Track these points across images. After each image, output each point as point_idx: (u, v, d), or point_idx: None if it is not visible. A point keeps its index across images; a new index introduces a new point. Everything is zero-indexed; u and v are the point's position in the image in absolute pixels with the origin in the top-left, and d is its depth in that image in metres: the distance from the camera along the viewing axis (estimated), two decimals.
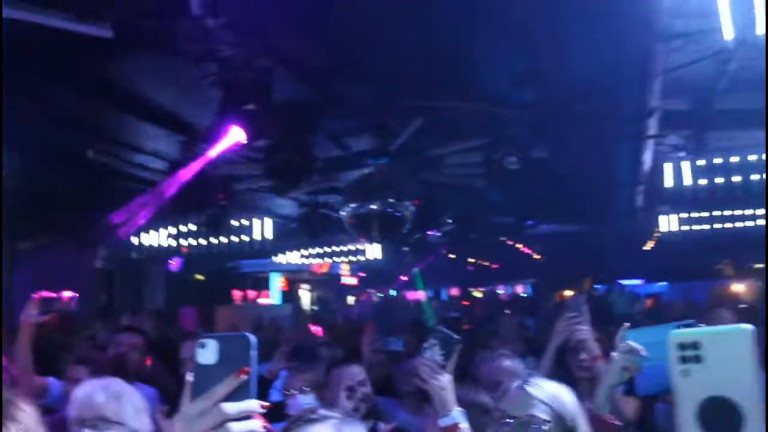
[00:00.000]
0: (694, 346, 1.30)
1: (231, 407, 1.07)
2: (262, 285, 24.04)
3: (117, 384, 2.68)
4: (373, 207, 10.35)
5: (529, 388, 2.47)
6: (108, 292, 16.47)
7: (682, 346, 1.31)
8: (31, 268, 14.48)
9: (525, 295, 28.50)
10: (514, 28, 6.99)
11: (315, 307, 24.68)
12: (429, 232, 15.13)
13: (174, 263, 16.74)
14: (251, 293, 23.65)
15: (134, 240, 15.35)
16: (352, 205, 10.67)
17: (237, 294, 22.74)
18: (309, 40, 7.29)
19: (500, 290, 30.30)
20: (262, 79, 7.05)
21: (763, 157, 9.89)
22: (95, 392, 2.58)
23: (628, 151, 10.69)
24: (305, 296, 25.90)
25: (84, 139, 10.41)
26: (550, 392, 2.46)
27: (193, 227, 15.09)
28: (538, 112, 8.92)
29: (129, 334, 4.54)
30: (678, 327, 2.16)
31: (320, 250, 20.44)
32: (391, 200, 10.30)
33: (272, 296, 24.13)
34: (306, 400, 3.83)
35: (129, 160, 11.07)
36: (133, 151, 10.84)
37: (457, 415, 2.76)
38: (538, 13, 6.52)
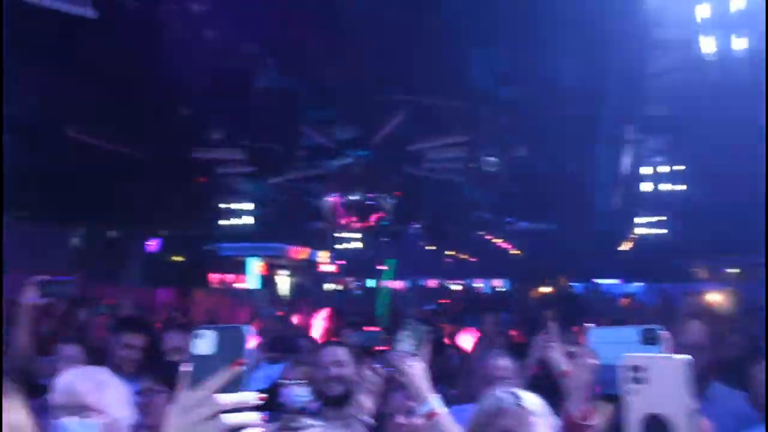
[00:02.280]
0: (641, 369, 1.48)
1: (227, 398, 1.09)
2: (240, 269, 23.94)
3: (100, 372, 2.69)
4: (354, 197, 10.39)
5: (524, 404, 2.48)
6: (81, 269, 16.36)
7: (632, 368, 1.48)
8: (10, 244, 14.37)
9: (502, 290, 28.64)
10: (499, 28, 7.05)
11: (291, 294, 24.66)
12: (408, 224, 15.21)
13: (152, 244, 16.69)
14: (229, 277, 23.55)
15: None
16: (334, 194, 10.70)
17: (214, 277, 22.64)
18: (297, 29, 7.31)
19: (477, 284, 30.42)
20: (247, 66, 7.05)
21: None
22: (77, 380, 2.59)
23: (607, 154, 10.81)
24: (283, 282, 25.85)
25: (65, 118, 10.40)
26: (542, 407, 2.50)
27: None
28: (519, 111, 8.99)
29: (131, 334, 4.46)
30: (644, 330, 2.24)
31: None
32: (371, 191, 10.36)
33: (250, 281, 24.04)
34: (300, 392, 3.85)
35: (113, 139, 11.03)
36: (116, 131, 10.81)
37: (433, 401, 2.81)
38: (523, 14, 6.59)
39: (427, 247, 23.27)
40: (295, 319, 10.39)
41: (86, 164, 12.78)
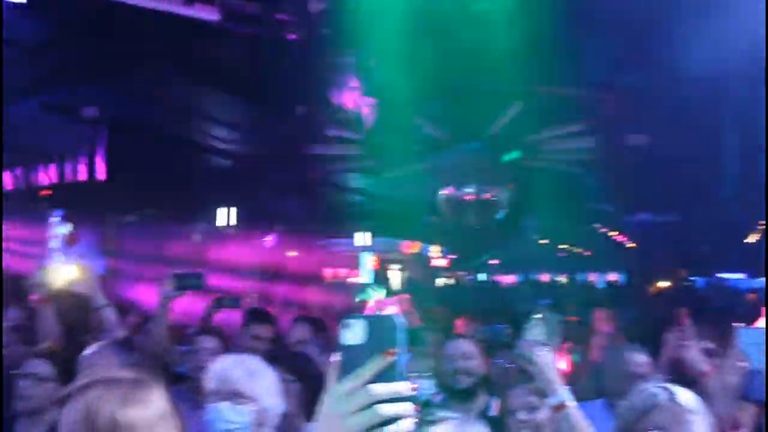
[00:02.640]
0: None
1: (380, 388, 1.08)
2: (353, 264, 24.21)
3: (253, 361, 2.75)
4: (469, 191, 10.29)
5: (679, 401, 2.38)
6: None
7: None
8: (134, 240, 15.10)
9: (618, 284, 27.80)
10: (617, 12, 6.82)
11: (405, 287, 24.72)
12: (523, 218, 14.97)
13: (268, 240, 17.10)
14: (342, 271, 23.86)
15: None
16: (448, 188, 10.64)
17: (327, 272, 23.01)
18: None
19: (591, 278, 29.69)
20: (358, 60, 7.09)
21: None
22: (231, 367, 2.67)
23: (732, 142, 10.30)
24: (395, 276, 25.99)
25: (181, 119, 10.82)
26: (697, 405, 2.39)
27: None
28: (638, 98, 8.67)
29: (259, 326, 4.61)
30: None
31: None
32: (486, 184, 10.24)
33: (363, 275, 24.27)
34: (424, 385, 3.85)
35: (226, 138, 11.37)
36: (230, 130, 11.13)
37: (563, 393, 2.73)
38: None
39: (540, 241, 22.85)
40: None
41: (207, 163, 13.29)
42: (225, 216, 16.16)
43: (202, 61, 8.41)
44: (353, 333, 1.11)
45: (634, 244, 24.50)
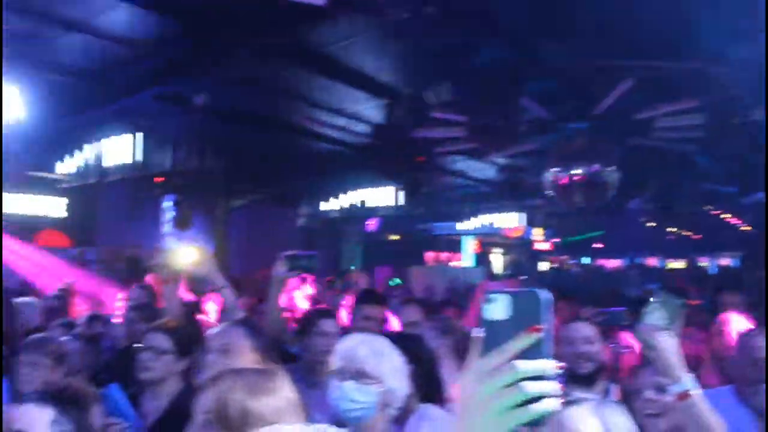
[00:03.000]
0: None
1: (525, 365, 1.03)
2: (455, 247, 24.19)
3: (380, 341, 2.74)
4: (576, 172, 10.02)
5: None
6: (310, 248, 17.29)
7: None
8: (242, 224, 15.54)
9: (731, 269, 26.66)
10: None
11: (507, 272, 24.50)
12: (630, 199, 14.51)
13: (371, 224, 17.25)
14: (444, 255, 23.88)
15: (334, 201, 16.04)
16: (554, 169, 10.38)
17: (429, 255, 23.07)
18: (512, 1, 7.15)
19: (702, 262, 28.58)
20: (467, 41, 6.99)
21: None
22: (358, 346, 2.67)
23: None
24: (497, 260, 25.80)
25: (288, 105, 10.99)
26: None
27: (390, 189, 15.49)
28: (757, 70, 8.19)
29: (371, 306, 4.66)
30: None
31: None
32: (594, 165, 9.94)
33: (465, 259, 24.21)
34: None
35: (332, 124, 11.47)
36: (335, 115, 11.22)
37: (687, 381, 2.60)
38: None
39: (648, 224, 22.13)
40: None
41: (310, 149, 13.49)
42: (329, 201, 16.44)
43: (310, 45, 8.49)
44: (497, 308, 1.07)
45: (749, 227, 23.42)
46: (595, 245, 27.30)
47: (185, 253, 4.12)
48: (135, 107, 10.68)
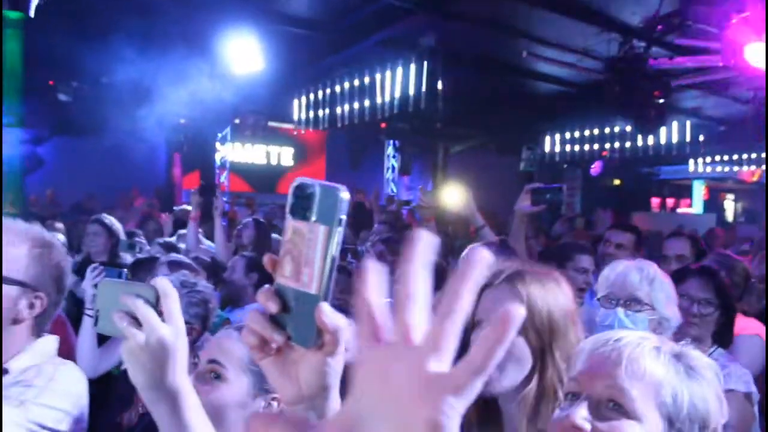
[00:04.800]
0: None
1: None
2: (682, 193, 22.85)
3: (652, 267, 2.61)
4: None
5: None
6: None
7: None
8: (462, 169, 15.56)
9: None
10: None
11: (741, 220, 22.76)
12: None
13: (595, 167, 16.66)
14: (670, 201, 22.64)
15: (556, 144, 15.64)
16: None
17: (654, 201, 21.95)
18: None
19: None
20: None
21: None
22: (630, 272, 2.56)
23: None
24: (729, 207, 24.04)
25: (514, 44, 10.72)
26: None
27: (614, 130, 14.84)
28: None
29: (618, 231, 4.58)
30: None
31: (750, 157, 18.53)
32: None
33: (694, 205, 22.81)
34: None
35: (560, 61, 11.06)
36: (563, 51, 10.80)
37: None
38: None
39: None
40: None
41: (533, 90, 13.17)
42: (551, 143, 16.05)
43: None
44: None
45: None
46: None
47: (448, 194, 4.16)
48: (362, 54, 10.94)
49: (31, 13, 7.30)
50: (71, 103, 11.26)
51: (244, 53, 10.01)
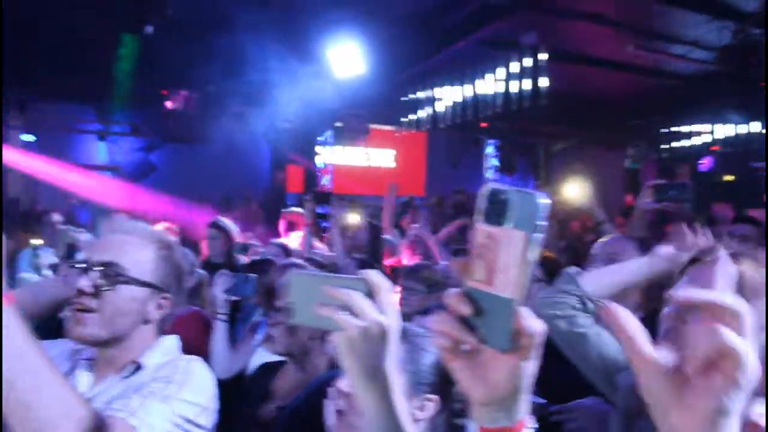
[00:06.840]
0: None
1: None
2: None
3: None
4: None
5: None
6: (635, 191, 16.59)
7: None
8: (564, 167, 15.28)
9: None
10: None
11: None
12: None
13: (705, 162, 16.04)
14: None
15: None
16: None
17: None
18: None
19: None
20: None
21: None
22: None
23: None
24: None
25: (619, 38, 10.42)
26: None
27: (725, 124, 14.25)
28: None
29: (741, 225, 4.45)
30: None
31: None
32: None
33: None
34: None
35: (668, 53, 10.68)
36: (672, 43, 10.43)
37: None
38: None
39: None
40: None
41: (639, 85, 12.78)
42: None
43: None
44: None
45: None
46: None
47: (572, 188, 4.14)
48: (463, 53, 10.87)
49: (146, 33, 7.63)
50: (181, 111, 11.72)
51: (346, 57, 10.14)
